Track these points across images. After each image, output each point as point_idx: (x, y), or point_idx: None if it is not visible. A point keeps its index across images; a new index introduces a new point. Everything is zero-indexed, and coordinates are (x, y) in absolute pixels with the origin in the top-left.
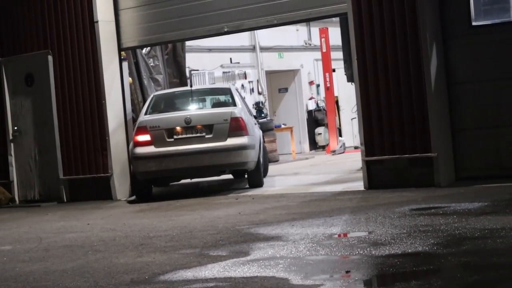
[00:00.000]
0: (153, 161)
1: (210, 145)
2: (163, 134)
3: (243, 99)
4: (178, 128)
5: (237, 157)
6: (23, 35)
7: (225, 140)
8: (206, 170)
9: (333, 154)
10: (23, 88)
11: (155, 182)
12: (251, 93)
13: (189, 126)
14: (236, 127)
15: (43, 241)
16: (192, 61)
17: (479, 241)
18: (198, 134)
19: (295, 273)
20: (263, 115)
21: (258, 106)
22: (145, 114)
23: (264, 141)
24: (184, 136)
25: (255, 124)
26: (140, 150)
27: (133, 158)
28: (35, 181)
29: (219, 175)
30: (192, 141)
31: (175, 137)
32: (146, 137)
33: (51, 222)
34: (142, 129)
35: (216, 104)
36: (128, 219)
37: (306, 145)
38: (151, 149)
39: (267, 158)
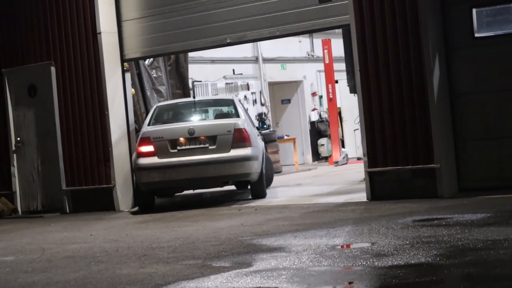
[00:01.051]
0: (157, 172)
1: (214, 156)
2: (166, 145)
3: (246, 110)
4: (181, 139)
5: (240, 168)
6: (26, 46)
7: (229, 151)
8: (209, 181)
9: (336, 165)
10: (25, 99)
11: (158, 193)
12: (254, 104)
13: (192, 137)
14: (240, 138)
15: (46, 252)
16: (195, 72)
17: (482, 252)
18: (202, 145)
19: (298, 284)
20: (265, 126)
21: (261, 117)
22: (148, 125)
23: (267, 151)
24: (187, 147)
25: (258, 135)
26: (143, 161)
27: (136, 169)
28: (37, 192)
29: (222, 186)
30: (195, 152)
31: (178, 148)
32: (149, 148)
33: (53, 233)
34: (145, 140)
35: (219, 115)
36: (130, 230)
37: (309, 156)
38: (154, 160)
39: (272, 169)
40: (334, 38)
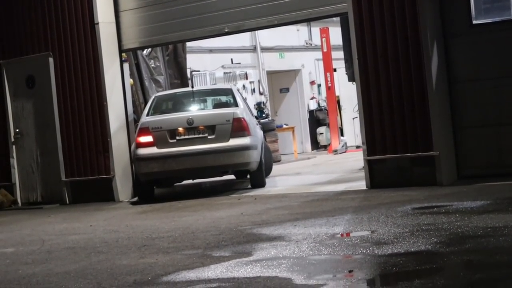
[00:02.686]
0: (156, 162)
1: (213, 146)
2: (165, 135)
3: (244, 99)
4: (180, 129)
5: (239, 157)
6: (24, 37)
7: (228, 140)
8: (208, 170)
9: (335, 154)
10: (24, 90)
11: (157, 183)
12: (252, 94)
13: (191, 127)
14: (239, 127)
15: (46, 243)
16: (193, 62)
17: (482, 239)
18: (201, 135)
19: (298, 273)
20: (264, 115)
21: (259, 107)
22: (147, 115)
23: (266, 141)
24: (186, 137)
25: (257, 124)
26: (142, 151)
27: (135, 159)
28: (37, 183)
29: (221, 175)
30: (194, 142)
31: (177, 138)
32: (148, 138)
33: (53, 224)
34: (144, 130)
35: (218, 105)
36: (130, 220)
37: (308, 145)
38: (153, 150)
39: (271, 158)
40: (332, 27)
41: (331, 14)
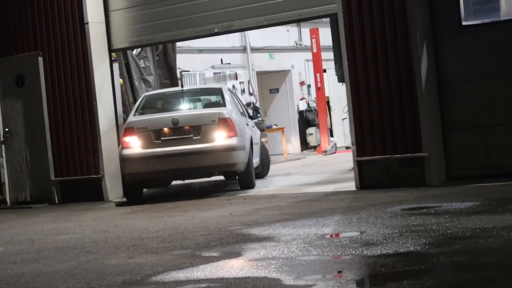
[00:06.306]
0: (140, 163)
1: (198, 147)
2: (150, 135)
3: (237, 98)
4: (165, 129)
5: (225, 158)
6: (13, 36)
7: (213, 141)
8: (193, 171)
9: (324, 155)
10: (13, 89)
11: (145, 184)
12: (242, 94)
13: (176, 127)
14: (225, 128)
15: (35, 243)
16: (183, 62)
17: (471, 240)
18: (186, 135)
19: (287, 274)
20: (259, 115)
21: (255, 106)
22: (134, 114)
23: (261, 140)
24: (171, 137)
25: (247, 124)
26: (127, 151)
27: (121, 159)
28: (26, 182)
29: (208, 176)
30: (179, 142)
31: (162, 138)
32: (133, 138)
33: (42, 224)
34: (129, 130)
35: (207, 105)
36: (119, 220)
37: (297, 146)
38: (138, 150)
39: (269, 157)
40: (322, 27)
41: (321, 14)
